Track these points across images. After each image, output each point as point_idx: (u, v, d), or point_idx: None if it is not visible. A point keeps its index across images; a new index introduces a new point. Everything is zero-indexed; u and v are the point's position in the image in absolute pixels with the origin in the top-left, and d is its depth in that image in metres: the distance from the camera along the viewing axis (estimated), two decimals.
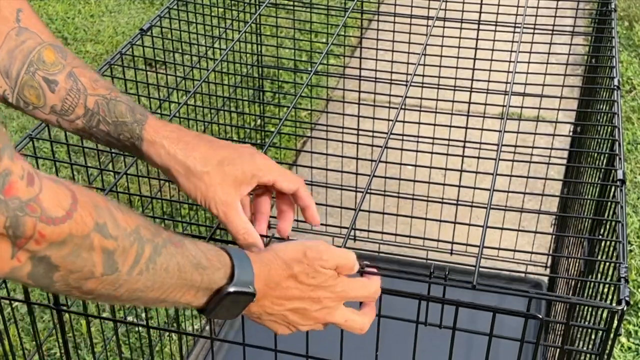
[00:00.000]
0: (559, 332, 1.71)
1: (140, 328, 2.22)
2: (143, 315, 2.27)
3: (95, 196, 0.74)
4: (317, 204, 1.15)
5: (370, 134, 1.96)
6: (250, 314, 0.92)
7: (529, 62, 1.83)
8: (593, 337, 1.13)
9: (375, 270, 0.98)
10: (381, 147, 1.26)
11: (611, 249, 1.14)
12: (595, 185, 1.48)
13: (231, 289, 0.85)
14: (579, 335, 1.30)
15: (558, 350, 1.07)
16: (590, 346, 1.14)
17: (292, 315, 0.92)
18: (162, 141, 1.02)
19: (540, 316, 0.95)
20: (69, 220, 0.69)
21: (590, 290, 1.30)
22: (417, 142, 1.51)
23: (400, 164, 1.30)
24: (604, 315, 1.02)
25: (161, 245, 0.79)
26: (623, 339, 2.29)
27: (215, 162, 1.02)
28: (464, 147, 1.77)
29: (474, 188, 1.23)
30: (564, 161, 2.34)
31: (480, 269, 1.00)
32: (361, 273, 0.98)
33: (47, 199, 0.68)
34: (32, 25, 0.98)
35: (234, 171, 1.02)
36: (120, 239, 0.75)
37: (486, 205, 1.13)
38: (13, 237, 0.67)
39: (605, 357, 1.01)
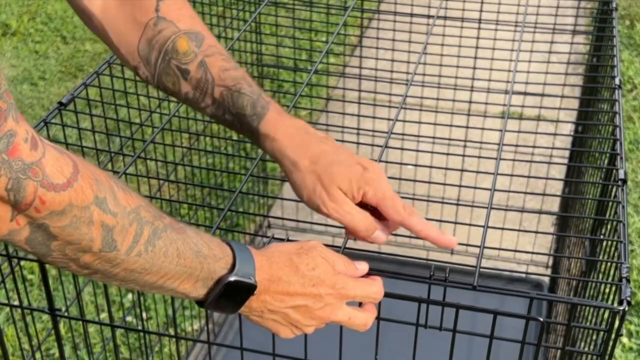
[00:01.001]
0: (560, 332, 1.71)
1: (139, 328, 2.22)
2: (143, 315, 2.27)
3: (97, 170, 0.74)
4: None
5: (371, 133, 1.95)
6: (250, 312, 0.90)
7: (530, 61, 1.82)
8: (594, 337, 1.12)
9: (377, 276, 0.97)
10: (381, 146, 1.25)
11: (612, 249, 1.13)
12: (597, 184, 1.48)
13: (232, 278, 0.84)
14: (580, 336, 1.29)
15: (559, 350, 1.06)
16: (591, 347, 1.14)
17: (294, 313, 0.91)
18: (277, 135, 1.03)
19: (541, 319, 0.94)
20: (69, 188, 0.69)
21: (592, 290, 1.29)
22: (418, 141, 1.50)
23: (401, 163, 1.29)
24: (606, 315, 1.01)
25: (161, 229, 0.79)
26: (624, 339, 2.28)
27: (325, 163, 1.01)
28: (464, 146, 1.77)
29: (475, 188, 1.22)
30: (565, 160, 2.33)
31: (481, 269, 0.99)
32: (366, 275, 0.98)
33: (50, 165, 0.68)
34: (170, 14, 1.04)
35: (339, 179, 1.01)
36: (119, 216, 0.74)
37: (487, 206, 1.13)
38: (14, 201, 0.67)
39: (607, 358, 1.00)
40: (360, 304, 0.97)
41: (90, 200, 0.71)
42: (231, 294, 0.86)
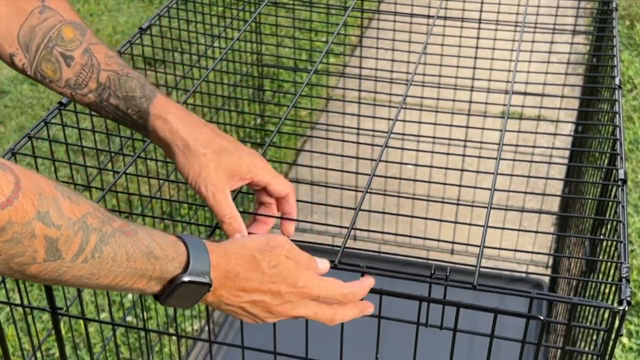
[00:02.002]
0: (560, 332, 1.71)
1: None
2: (144, 315, 2.27)
3: (42, 183, 0.75)
4: (317, 203, 1.15)
5: (371, 133, 1.95)
6: (207, 304, 0.91)
7: (530, 61, 1.82)
8: (594, 337, 1.12)
9: (372, 278, 0.97)
10: (381, 146, 1.25)
11: (612, 249, 1.13)
12: (597, 184, 1.48)
13: (185, 279, 0.85)
14: (580, 336, 1.29)
15: (559, 350, 1.06)
16: (591, 347, 1.14)
17: (251, 308, 0.91)
18: (168, 116, 1.05)
19: (542, 317, 0.94)
20: (9, 206, 0.70)
21: (592, 290, 1.29)
22: (418, 141, 1.50)
23: (401, 163, 1.29)
24: (606, 315, 1.01)
25: (109, 234, 0.79)
26: (625, 340, 2.28)
27: (215, 147, 1.03)
28: (464, 146, 1.77)
29: (475, 187, 1.22)
30: (565, 160, 2.33)
31: (481, 269, 0.99)
32: (362, 274, 0.97)
33: None
34: (55, 4, 1.06)
35: (230, 162, 1.03)
36: (63, 228, 0.75)
37: (487, 205, 1.13)
38: None
39: (607, 357, 1.00)
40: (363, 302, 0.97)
41: (31, 216, 0.72)
42: (186, 292, 0.87)
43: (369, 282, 0.97)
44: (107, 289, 0.83)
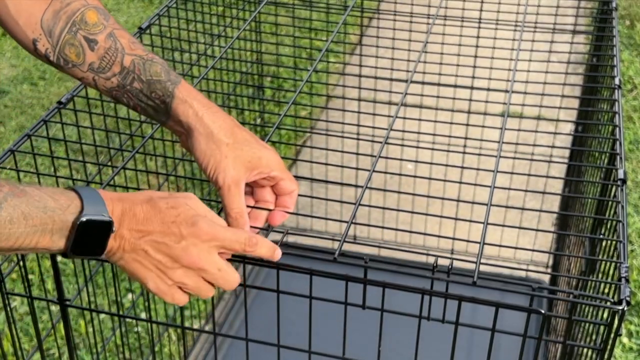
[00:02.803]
0: (560, 332, 1.71)
1: (139, 328, 2.22)
2: (143, 315, 2.27)
3: None
4: (317, 197, 1.15)
5: (371, 131, 1.95)
6: (113, 255, 0.91)
7: (529, 61, 1.82)
8: (594, 337, 1.12)
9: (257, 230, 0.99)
10: (381, 142, 1.25)
11: (612, 248, 1.13)
12: (597, 184, 1.48)
13: (83, 219, 0.86)
14: (580, 335, 1.29)
15: (560, 350, 1.06)
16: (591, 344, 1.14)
17: (155, 252, 0.90)
18: (193, 102, 1.04)
19: (543, 311, 0.94)
20: None
21: (591, 290, 1.29)
22: (418, 140, 1.50)
23: (401, 159, 1.29)
24: (605, 315, 1.01)
25: (1, 199, 0.82)
26: (625, 339, 2.28)
27: (238, 138, 1.03)
28: (464, 145, 1.77)
29: (475, 185, 1.22)
30: (565, 160, 2.33)
31: (481, 269, 0.99)
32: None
33: None
34: None
35: (251, 154, 1.03)
36: None
37: (487, 203, 1.13)
38: None
39: (607, 353, 1.00)
40: None
41: None
42: (88, 237, 0.87)
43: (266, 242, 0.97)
44: (13, 252, 0.85)
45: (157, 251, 0.90)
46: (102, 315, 2.22)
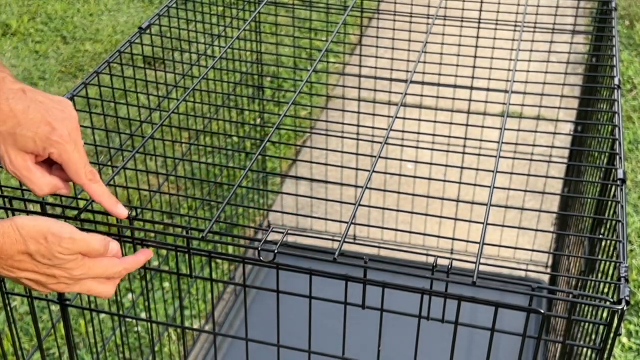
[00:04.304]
0: (560, 332, 1.71)
1: (139, 328, 2.22)
2: (143, 315, 2.27)
3: None
4: (317, 198, 1.15)
5: (371, 131, 1.95)
6: None
7: (529, 61, 1.82)
8: (594, 337, 1.12)
9: (149, 250, 1.01)
10: (381, 143, 1.25)
11: (612, 248, 1.13)
12: (596, 184, 1.48)
13: None
14: (579, 335, 1.29)
15: (559, 350, 1.06)
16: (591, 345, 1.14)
17: (28, 282, 0.95)
18: None
19: (543, 311, 0.94)
20: None
21: (591, 290, 1.29)
22: (418, 140, 1.50)
23: (401, 159, 1.29)
24: (605, 315, 1.01)
25: None
26: (624, 339, 2.28)
27: (13, 125, 0.99)
28: (464, 145, 1.77)
29: (474, 185, 1.22)
30: (565, 160, 2.33)
31: (480, 270, 0.99)
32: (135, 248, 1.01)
33: None
34: None
35: (24, 142, 0.99)
36: None
37: (486, 203, 1.13)
38: None
39: (607, 353, 1.01)
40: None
41: None
42: None
43: (145, 255, 1.01)
44: None
45: (30, 282, 0.96)
46: (102, 315, 2.22)
